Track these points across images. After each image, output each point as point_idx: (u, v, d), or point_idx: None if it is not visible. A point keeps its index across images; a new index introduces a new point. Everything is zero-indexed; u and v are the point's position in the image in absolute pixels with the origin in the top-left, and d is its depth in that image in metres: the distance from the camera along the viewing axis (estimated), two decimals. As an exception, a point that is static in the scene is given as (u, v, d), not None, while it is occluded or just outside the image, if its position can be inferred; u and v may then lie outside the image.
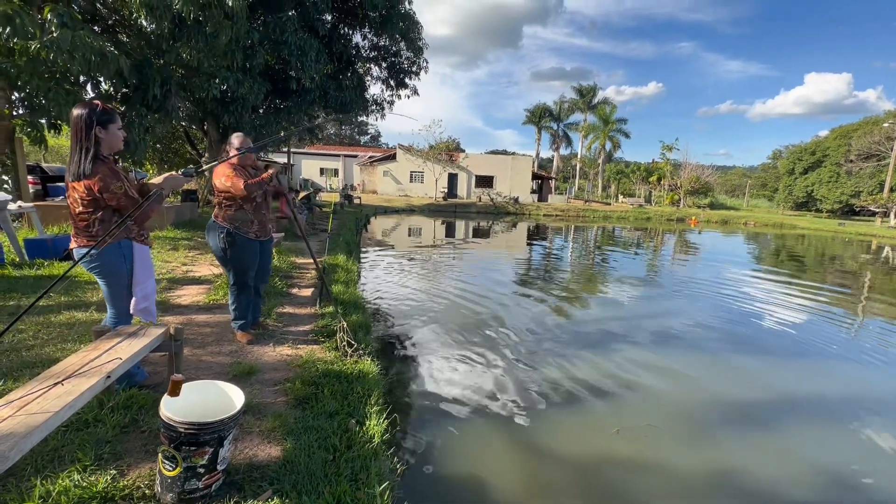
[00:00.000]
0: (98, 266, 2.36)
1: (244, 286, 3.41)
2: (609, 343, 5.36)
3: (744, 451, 3.31)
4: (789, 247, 19.57)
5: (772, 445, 3.40)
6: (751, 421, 3.78)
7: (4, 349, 2.96)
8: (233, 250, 3.24)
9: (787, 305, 7.96)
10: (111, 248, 2.34)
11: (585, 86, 46.11)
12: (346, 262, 7.29)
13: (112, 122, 2.30)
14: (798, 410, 4.04)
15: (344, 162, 38.46)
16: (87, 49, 5.77)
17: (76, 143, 2.23)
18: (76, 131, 2.22)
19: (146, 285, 2.51)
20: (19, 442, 1.30)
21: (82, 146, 2.22)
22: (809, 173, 44.71)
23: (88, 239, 2.31)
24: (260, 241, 3.41)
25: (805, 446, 3.44)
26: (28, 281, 4.59)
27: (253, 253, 3.36)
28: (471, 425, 3.44)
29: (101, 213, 2.30)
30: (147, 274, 2.52)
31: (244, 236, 3.26)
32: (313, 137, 23.85)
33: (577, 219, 28.99)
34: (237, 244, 3.24)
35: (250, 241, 3.31)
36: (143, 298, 2.50)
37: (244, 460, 2.10)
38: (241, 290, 3.42)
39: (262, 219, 3.37)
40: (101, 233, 2.30)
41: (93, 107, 2.26)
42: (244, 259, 3.31)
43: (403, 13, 12.73)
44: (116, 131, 2.33)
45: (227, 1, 7.25)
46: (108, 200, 2.26)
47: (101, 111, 2.26)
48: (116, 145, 2.36)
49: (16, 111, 7.15)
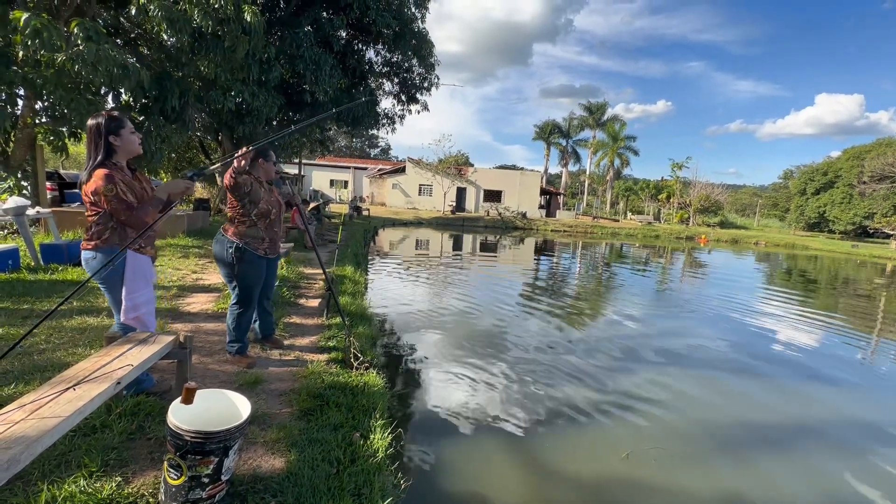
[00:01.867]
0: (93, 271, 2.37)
1: (248, 305, 3.27)
2: (616, 362, 5.30)
3: (752, 477, 3.23)
4: (801, 268, 19.30)
5: (782, 471, 3.31)
6: (761, 446, 3.70)
7: (17, 353, 3.00)
8: (241, 266, 3.14)
9: (798, 328, 7.82)
10: (106, 254, 2.36)
11: (595, 103, 46.46)
12: (354, 273, 7.32)
13: (122, 127, 2.35)
14: (810, 436, 3.94)
15: (354, 174, 38.90)
16: (110, 62, 5.96)
17: (88, 151, 2.34)
18: (89, 140, 2.32)
19: (138, 295, 2.46)
20: (31, 445, 1.31)
21: (92, 154, 2.32)
22: (822, 194, 44.29)
23: (88, 241, 2.38)
24: (268, 259, 3.31)
25: (816, 473, 3.35)
26: (42, 285, 4.66)
27: (260, 269, 3.25)
28: (476, 442, 3.40)
29: (99, 217, 2.35)
30: (141, 283, 2.47)
31: (254, 252, 3.15)
32: (324, 149, 24.23)
33: (585, 235, 28.90)
34: (246, 260, 3.14)
35: (259, 258, 3.20)
36: (133, 308, 2.45)
37: (248, 471, 2.09)
38: (245, 310, 3.26)
39: (273, 236, 3.28)
40: (96, 235, 2.35)
41: (102, 117, 2.34)
42: (251, 276, 3.19)
43: (416, 31, 13.01)
44: (130, 135, 2.37)
45: (245, 16, 7.47)
46: (103, 203, 2.29)
47: (108, 119, 2.33)
48: (134, 149, 2.40)
49: (38, 120, 7.37)
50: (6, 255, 5.05)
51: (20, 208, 5.59)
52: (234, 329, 3.27)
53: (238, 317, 3.25)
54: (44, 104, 7.18)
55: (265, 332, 3.71)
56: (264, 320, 3.67)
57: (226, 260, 3.14)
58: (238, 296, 3.23)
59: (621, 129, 43.76)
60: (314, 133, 16.23)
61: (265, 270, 3.32)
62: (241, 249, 3.11)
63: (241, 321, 3.27)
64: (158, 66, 8.43)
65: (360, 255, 10.18)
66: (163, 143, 8.24)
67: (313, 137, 17.20)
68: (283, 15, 11.79)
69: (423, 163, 34.40)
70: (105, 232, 2.35)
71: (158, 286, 5.13)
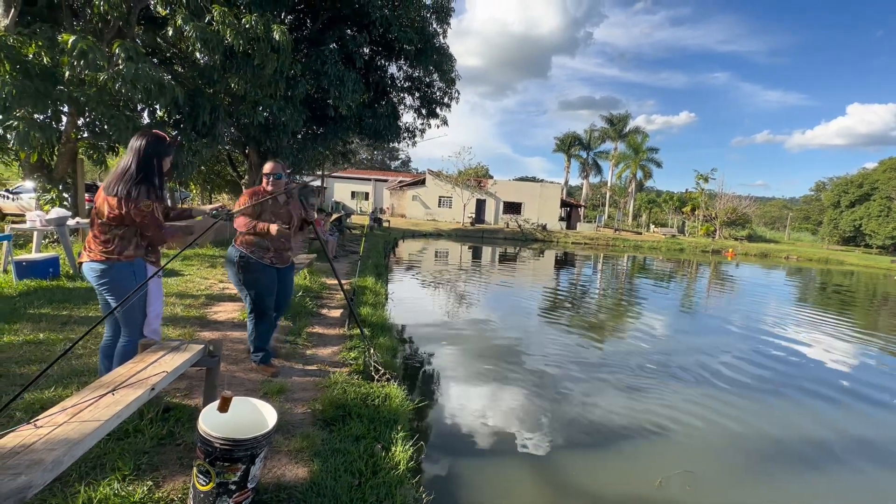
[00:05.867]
0: (107, 283, 2.35)
1: (263, 313, 3.29)
2: (642, 379, 5.16)
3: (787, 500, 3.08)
4: (837, 283, 18.50)
5: (819, 495, 3.15)
6: (797, 469, 3.53)
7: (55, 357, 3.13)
8: (246, 275, 3.20)
9: (833, 347, 7.48)
10: (122, 266, 2.34)
11: (617, 114, 46.13)
12: (375, 284, 7.39)
13: (168, 155, 2.47)
14: (848, 459, 3.74)
15: (374, 186, 39.47)
16: (147, 79, 6.28)
17: (134, 167, 2.32)
18: (137, 157, 2.33)
19: (156, 306, 2.56)
20: (72, 447, 1.37)
21: (136, 168, 2.31)
22: (857, 207, 42.55)
23: (103, 254, 2.32)
24: (277, 269, 3.32)
25: (855, 497, 3.17)
26: (80, 293, 4.87)
27: (269, 278, 3.26)
28: (498, 459, 3.35)
29: (123, 230, 2.33)
30: (157, 294, 2.56)
31: (259, 261, 3.20)
32: (346, 161, 24.73)
33: (606, 248, 28.46)
34: (251, 269, 3.19)
35: (266, 268, 3.23)
36: (156, 318, 2.56)
37: (272, 479, 2.12)
38: (261, 318, 3.28)
39: (279, 246, 3.28)
40: (117, 249, 2.32)
41: (158, 138, 2.40)
42: (260, 283, 3.23)
43: (437, 46, 13.23)
44: (168, 162, 2.50)
45: (273, 35, 7.76)
46: (134, 217, 2.29)
47: (158, 141, 2.40)
48: (166, 172, 2.52)
49: (80, 135, 7.78)
50: (47, 263, 5.30)
51: (61, 219, 5.88)
52: (253, 339, 3.33)
53: (255, 326, 3.31)
54: (86, 120, 7.58)
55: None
56: None
57: (234, 269, 3.23)
58: (250, 305, 3.30)
59: (643, 140, 43.22)
60: (337, 146, 16.59)
61: (275, 280, 3.33)
62: (245, 258, 3.18)
63: (259, 330, 3.32)
64: (191, 84, 8.81)
65: (380, 267, 10.28)
66: (194, 157, 8.56)
67: (336, 150, 17.58)
68: (310, 33, 12.21)
69: (442, 175, 34.65)
70: (128, 247, 2.35)
71: (187, 295, 5.29)
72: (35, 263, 5.18)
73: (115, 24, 7.46)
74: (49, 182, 7.68)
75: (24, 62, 5.90)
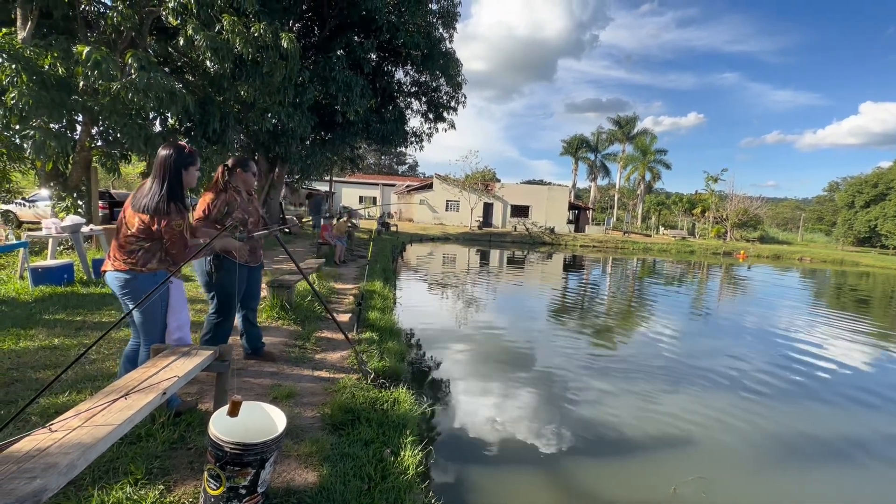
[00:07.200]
0: (130, 293, 2.39)
1: (227, 314, 3.19)
2: (654, 383, 5.10)
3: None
4: (852, 285, 18.15)
5: (834, 499, 3.08)
6: (809, 473, 3.45)
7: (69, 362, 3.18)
8: (218, 275, 3.07)
9: (850, 349, 7.33)
10: (146, 278, 2.38)
11: (624, 116, 45.89)
12: (383, 288, 7.41)
13: (193, 164, 2.48)
14: (866, 462, 3.65)
15: (382, 190, 39.65)
16: (159, 88, 6.38)
17: (159, 179, 2.36)
18: (162, 169, 2.37)
19: (180, 315, 2.60)
20: (86, 451, 1.39)
21: (162, 183, 2.35)
22: (872, 207, 41.80)
23: (127, 264, 2.37)
24: (249, 267, 3.26)
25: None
26: (94, 298, 4.95)
27: (241, 277, 3.14)
28: (507, 465, 3.33)
29: (150, 243, 2.38)
30: (181, 305, 2.61)
31: (232, 261, 3.06)
32: (354, 166, 24.89)
33: (615, 250, 28.25)
34: (224, 268, 3.06)
35: (239, 266, 3.10)
36: (178, 328, 2.59)
37: (282, 484, 2.12)
38: (224, 319, 3.18)
39: (254, 245, 3.22)
40: (141, 261, 2.37)
41: (181, 149, 2.42)
42: (232, 283, 3.08)
43: (444, 51, 13.30)
44: (195, 172, 2.50)
45: (282, 43, 7.86)
46: (164, 233, 2.35)
47: (188, 154, 2.43)
48: (191, 184, 2.53)
49: (94, 144, 7.93)
50: (62, 269, 5.39)
51: (76, 226, 5.99)
52: (210, 340, 3.14)
53: (215, 326, 3.16)
54: (99, 129, 7.73)
55: (253, 347, 3.63)
56: (250, 333, 3.59)
57: (204, 268, 3.09)
58: (216, 305, 3.16)
59: (652, 142, 42.95)
60: (344, 151, 16.71)
61: (245, 279, 3.26)
62: (218, 257, 3.05)
63: (219, 331, 3.18)
64: (202, 92, 8.94)
65: (388, 271, 10.30)
66: (204, 164, 8.68)
67: (344, 155, 17.71)
68: (317, 40, 12.35)
69: (450, 179, 34.71)
70: (152, 260, 2.39)
71: (198, 300, 5.35)
72: (50, 270, 5.27)
73: (127, 35, 7.61)
74: (64, 190, 7.83)
75: (40, 73, 6.03)
